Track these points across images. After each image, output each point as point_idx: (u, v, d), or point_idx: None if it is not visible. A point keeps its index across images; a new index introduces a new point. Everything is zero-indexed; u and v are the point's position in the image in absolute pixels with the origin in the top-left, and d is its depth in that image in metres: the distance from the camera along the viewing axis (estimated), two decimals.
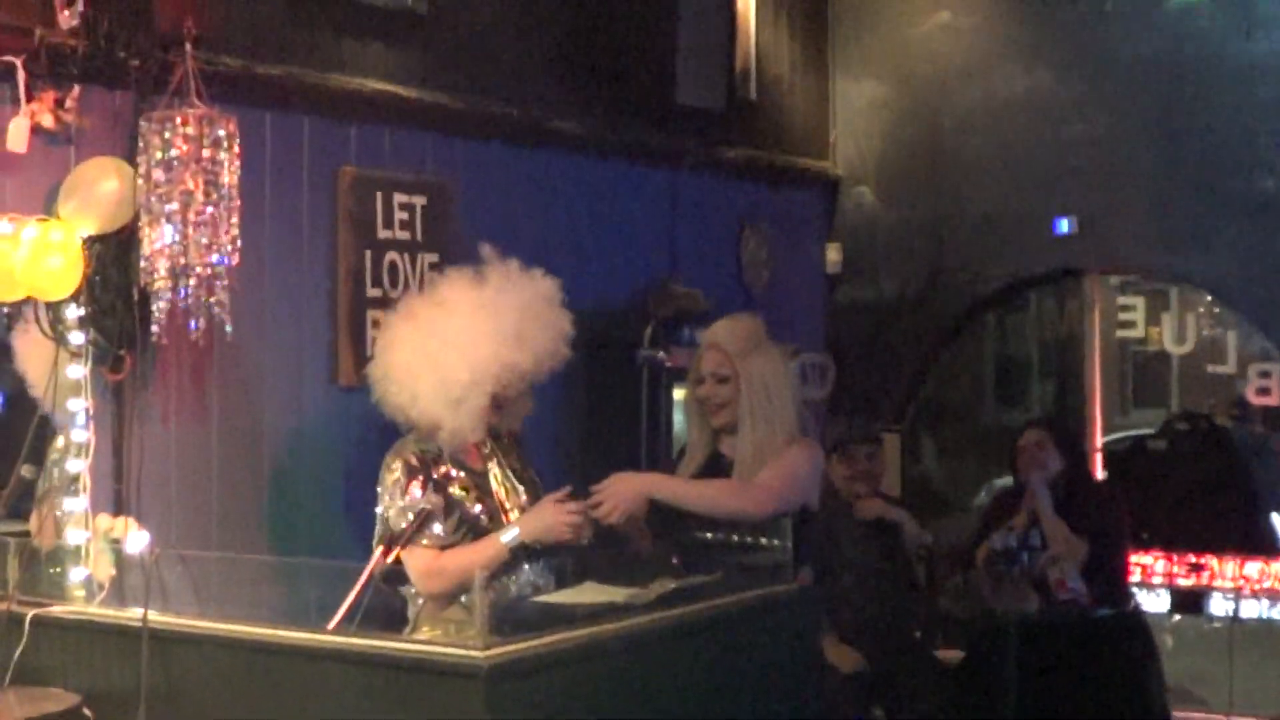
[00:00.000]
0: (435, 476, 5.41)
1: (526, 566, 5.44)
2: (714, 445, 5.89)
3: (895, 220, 10.23)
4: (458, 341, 5.41)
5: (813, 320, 10.29)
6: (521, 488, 5.63)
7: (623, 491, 5.49)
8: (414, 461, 5.42)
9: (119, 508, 5.99)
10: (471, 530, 5.41)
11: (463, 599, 5.28)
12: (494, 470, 5.58)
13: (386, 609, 5.18)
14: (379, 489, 5.45)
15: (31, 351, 5.98)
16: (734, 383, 5.74)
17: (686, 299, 8.64)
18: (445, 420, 5.40)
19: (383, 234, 7.33)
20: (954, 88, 9.98)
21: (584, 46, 8.53)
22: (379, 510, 5.44)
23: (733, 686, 4.97)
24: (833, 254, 10.35)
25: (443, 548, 5.33)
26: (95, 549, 5.50)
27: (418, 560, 5.31)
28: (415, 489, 5.36)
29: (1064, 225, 9.48)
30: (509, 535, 5.35)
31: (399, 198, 7.41)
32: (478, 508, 5.46)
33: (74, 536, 5.56)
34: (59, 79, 5.96)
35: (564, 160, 8.41)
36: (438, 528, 5.33)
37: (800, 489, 5.71)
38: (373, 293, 7.25)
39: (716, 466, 5.81)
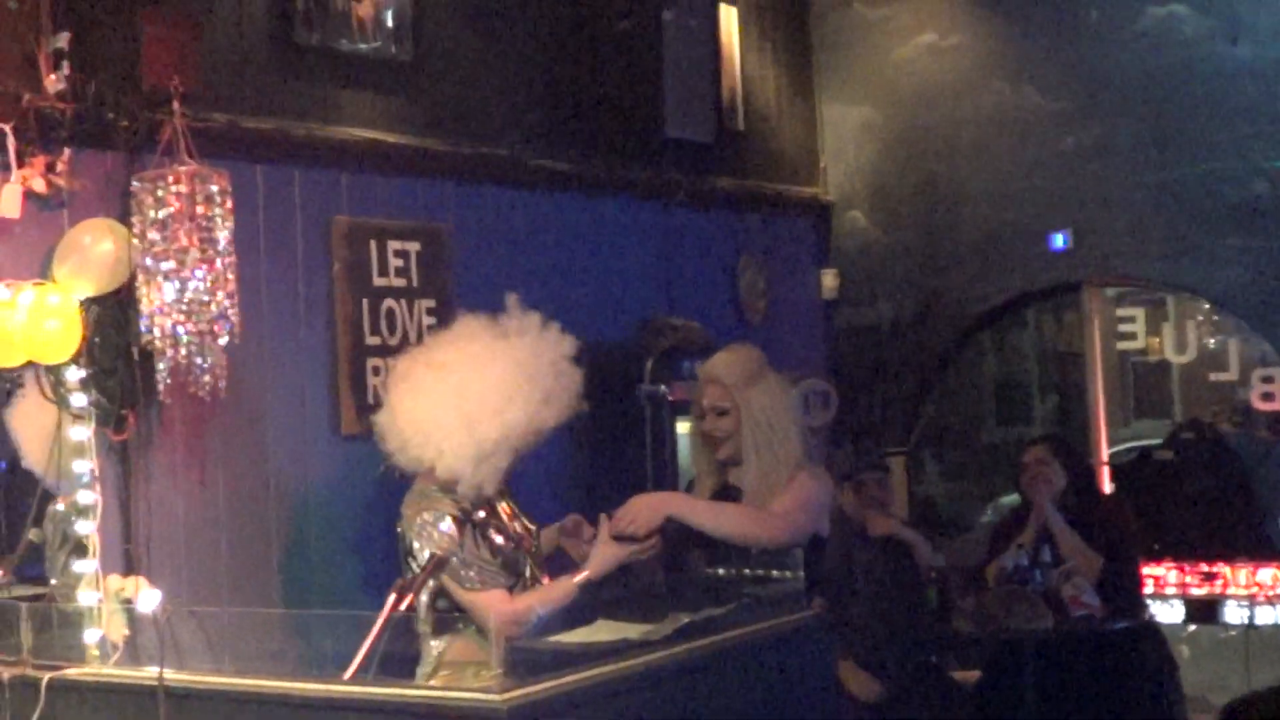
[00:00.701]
0: (474, 521, 5.44)
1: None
2: (721, 476, 5.88)
3: (890, 243, 10.24)
4: (492, 401, 5.40)
5: (812, 347, 10.29)
6: (532, 524, 5.68)
7: (643, 507, 5.50)
8: (458, 513, 5.42)
9: (129, 567, 5.99)
10: (505, 565, 5.44)
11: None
12: (501, 507, 5.60)
13: (402, 655, 5.16)
14: (415, 541, 5.41)
15: (25, 426, 5.99)
16: (735, 415, 5.74)
17: (685, 332, 8.65)
18: (467, 475, 5.39)
19: (379, 281, 7.33)
20: (941, 108, 10.00)
21: (570, 85, 8.55)
22: (415, 563, 5.42)
23: (751, 717, 4.95)
24: (829, 280, 10.37)
25: (510, 589, 5.38)
26: (108, 609, 5.49)
27: (493, 603, 5.31)
28: (466, 540, 5.38)
29: (1059, 240, 9.50)
30: (580, 577, 5.40)
31: (393, 244, 7.41)
32: (506, 544, 5.49)
33: (85, 598, 5.55)
34: (49, 143, 5.97)
35: (556, 199, 8.42)
36: (476, 574, 5.35)
37: (813, 517, 5.71)
38: (371, 340, 7.25)
39: (725, 497, 5.80)
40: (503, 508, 5.61)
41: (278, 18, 7.01)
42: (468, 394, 5.40)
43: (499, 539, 5.48)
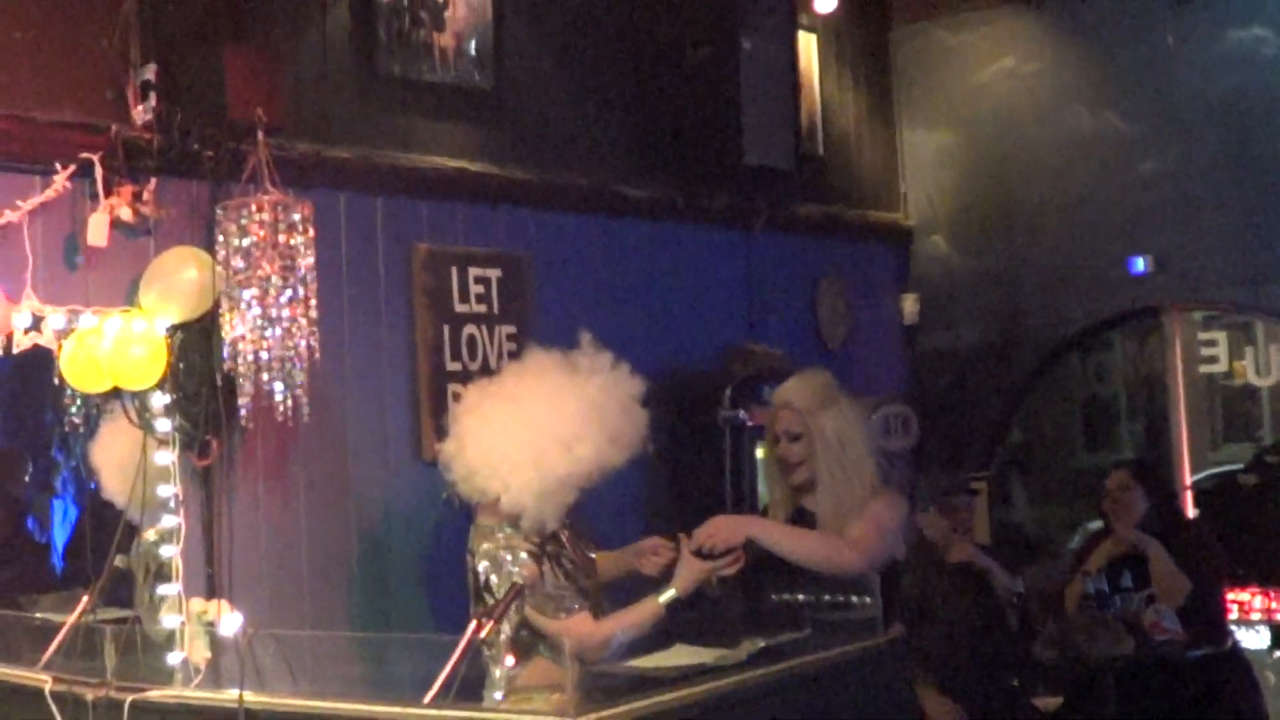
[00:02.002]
0: (548, 552, 5.49)
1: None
2: (795, 502, 5.89)
3: (971, 268, 10.22)
4: (562, 437, 5.45)
5: (894, 372, 10.27)
6: (589, 552, 5.73)
7: (723, 525, 5.52)
8: (533, 548, 5.47)
9: (211, 590, 6.06)
10: (580, 591, 5.50)
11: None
12: (562, 535, 5.64)
13: (469, 679, 5.21)
14: (491, 575, 5.45)
15: (105, 456, 6.09)
16: (808, 440, 5.74)
17: (765, 358, 8.66)
18: (530, 509, 5.45)
19: (460, 308, 7.39)
20: (1021, 132, 9.98)
21: (650, 113, 8.59)
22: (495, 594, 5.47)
23: None
24: (910, 305, 10.36)
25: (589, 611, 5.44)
26: (190, 632, 5.56)
27: (578, 628, 5.35)
28: (545, 573, 5.43)
29: (1140, 264, 9.46)
30: (666, 595, 5.42)
31: (474, 271, 7.47)
32: (575, 571, 5.54)
33: (168, 621, 5.63)
34: (136, 172, 6.07)
35: (636, 226, 8.45)
36: (556, 605, 5.40)
37: (891, 542, 5.71)
38: (452, 366, 7.31)
39: (799, 523, 5.80)
40: (564, 535, 5.66)
41: (361, 48, 7.10)
42: (537, 429, 5.44)
43: (570, 568, 5.53)
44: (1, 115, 5.74)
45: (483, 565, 5.48)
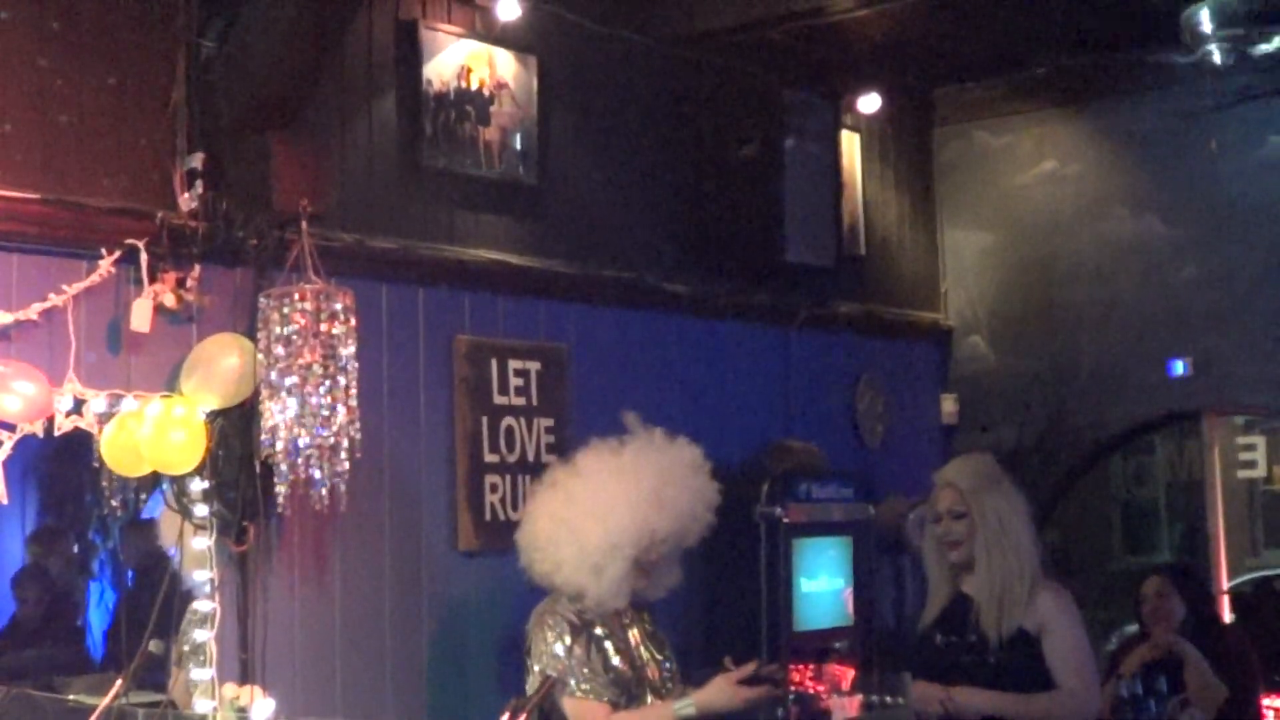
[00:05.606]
0: (595, 634, 5.50)
1: None
2: (954, 585, 5.93)
3: (1010, 369, 10.22)
4: (594, 507, 5.51)
5: (931, 472, 10.23)
6: (663, 655, 5.71)
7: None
8: (576, 621, 5.49)
9: (245, 676, 6.07)
10: (617, 683, 5.47)
11: None
12: (632, 632, 5.65)
13: None
14: (540, 644, 5.50)
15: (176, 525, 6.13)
16: (969, 519, 5.79)
17: (803, 455, 8.66)
18: (589, 587, 5.49)
19: (499, 400, 7.42)
20: (1063, 235, 10.00)
21: (692, 209, 8.64)
22: (534, 666, 5.50)
23: None
24: (948, 405, 10.35)
25: (614, 705, 5.41)
26: (222, 718, 5.57)
27: (590, 714, 5.36)
28: (578, 648, 5.44)
29: (1179, 367, 9.44)
30: (682, 705, 5.42)
31: (514, 363, 7.51)
32: (623, 664, 5.53)
33: (201, 705, 5.64)
34: (180, 259, 6.11)
35: (676, 322, 8.49)
36: (582, 682, 5.40)
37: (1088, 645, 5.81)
38: (490, 458, 7.33)
39: (961, 606, 5.84)
40: (633, 633, 5.67)
41: (406, 141, 7.17)
42: (573, 505, 5.54)
43: (616, 659, 5.52)
44: (49, 200, 5.79)
45: (529, 640, 5.55)
